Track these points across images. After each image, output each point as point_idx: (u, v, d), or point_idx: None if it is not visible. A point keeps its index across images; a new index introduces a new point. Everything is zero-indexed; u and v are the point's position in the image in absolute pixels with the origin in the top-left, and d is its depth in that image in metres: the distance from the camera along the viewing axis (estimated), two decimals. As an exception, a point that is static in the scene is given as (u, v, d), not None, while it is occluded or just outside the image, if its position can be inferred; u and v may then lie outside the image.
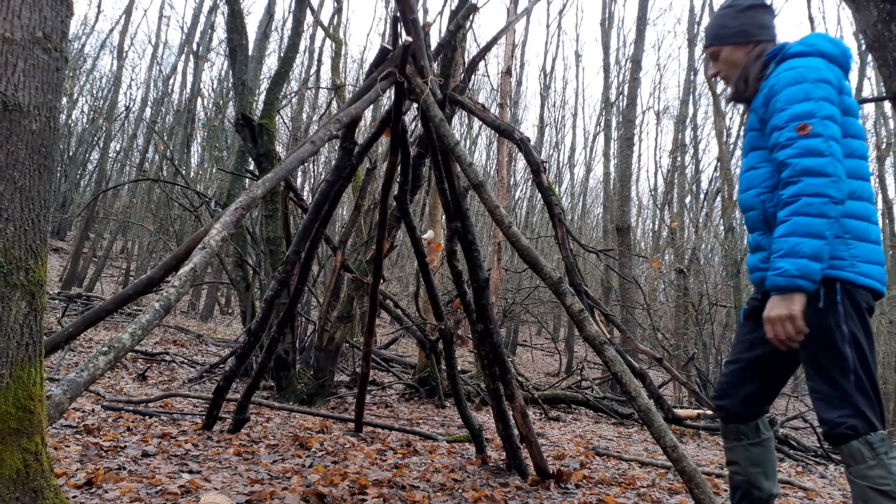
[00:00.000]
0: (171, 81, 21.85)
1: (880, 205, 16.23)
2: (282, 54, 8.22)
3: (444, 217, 4.34)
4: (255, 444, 3.73)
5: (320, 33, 16.62)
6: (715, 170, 16.98)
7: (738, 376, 2.06)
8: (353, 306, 6.11)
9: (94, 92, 24.82)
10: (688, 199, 17.47)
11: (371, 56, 19.05)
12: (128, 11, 20.67)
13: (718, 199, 15.98)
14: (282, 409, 5.18)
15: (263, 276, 6.90)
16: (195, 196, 9.75)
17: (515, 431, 3.48)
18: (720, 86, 17.62)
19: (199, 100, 20.29)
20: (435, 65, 3.51)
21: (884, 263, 1.87)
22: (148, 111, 21.96)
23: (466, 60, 4.90)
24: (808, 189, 1.73)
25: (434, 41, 3.56)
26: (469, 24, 5.49)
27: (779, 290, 1.77)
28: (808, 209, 1.73)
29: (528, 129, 28.75)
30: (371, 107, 3.45)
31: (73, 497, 2.32)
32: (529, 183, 20.81)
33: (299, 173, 16.82)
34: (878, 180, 15.64)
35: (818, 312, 1.78)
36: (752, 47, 2.01)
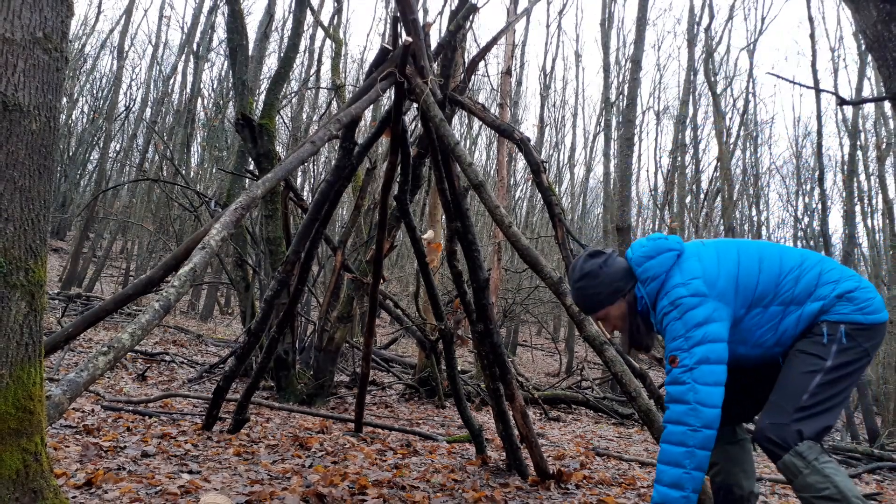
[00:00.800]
0: (171, 81, 21.84)
1: (880, 204, 16.21)
2: (282, 54, 8.23)
3: (444, 217, 4.34)
4: (255, 444, 3.73)
5: (320, 33, 16.62)
6: (715, 170, 16.98)
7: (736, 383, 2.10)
8: (353, 306, 6.11)
9: (94, 92, 24.83)
10: (688, 199, 17.47)
11: (371, 56, 19.05)
12: (128, 11, 20.65)
13: (718, 199, 16.00)
14: (281, 409, 5.18)
15: (263, 276, 6.90)
16: (195, 196, 9.75)
17: (515, 432, 3.48)
18: (720, 86, 17.64)
19: (199, 100, 20.30)
20: (435, 65, 3.51)
21: (874, 290, 1.99)
22: (148, 111, 21.93)
23: (466, 61, 4.89)
24: (671, 416, 1.89)
25: (434, 41, 3.56)
26: (469, 24, 5.49)
27: None
28: (670, 437, 1.88)
29: (528, 129, 28.75)
30: (371, 107, 3.45)
31: (73, 497, 2.32)
32: (529, 183, 20.80)
33: (299, 173, 16.82)
34: (878, 180, 15.62)
35: (817, 345, 1.91)
36: (627, 295, 2.12)
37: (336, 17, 13.18)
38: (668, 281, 2.00)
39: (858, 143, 15.52)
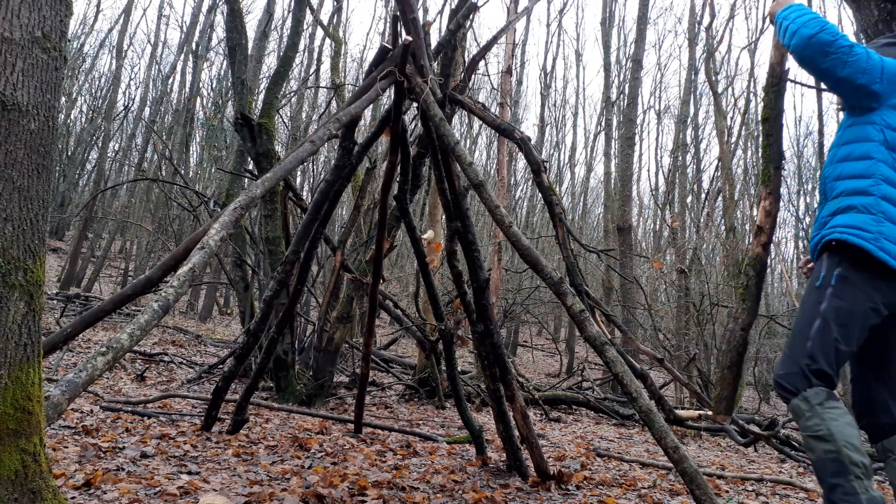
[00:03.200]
0: (171, 81, 21.81)
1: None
2: (281, 53, 8.22)
3: (444, 217, 4.33)
4: (254, 445, 3.72)
5: (320, 32, 16.61)
6: (716, 169, 16.98)
7: (862, 384, 2.06)
8: (353, 306, 6.10)
9: (93, 91, 24.78)
10: (689, 199, 17.47)
11: (371, 55, 19.03)
12: (127, 11, 20.63)
13: (720, 198, 15.98)
14: (281, 409, 5.17)
15: (262, 276, 6.89)
16: (194, 196, 9.74)
17: (516, 432, 3.47)
18: (721, 86, 17.61)
19: (199, 99, 20.27)
20: (435, 64, 3.50)
21: None
22: (147, 111, 21.92)
23: (466, 60, 4.89)
24: (820, 30, 1.99)
25: (434, 40, 3.55)
26: (469, 23, 5.48)
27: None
28: (811, 23, 2.00)
29: (529, 128, 28.73)
30: (371, 106, 3.44)
31: (72, 498, 2.31)
32: (530, 182, 20.78)
33: (298, 173, 16.81)
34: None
35: (823, 278, 1.95)
36: None
37: (336, 15, 13.16)
38: None
39: (858, 142, 15.44)
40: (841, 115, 2.13)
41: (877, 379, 2.00)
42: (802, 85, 3.39)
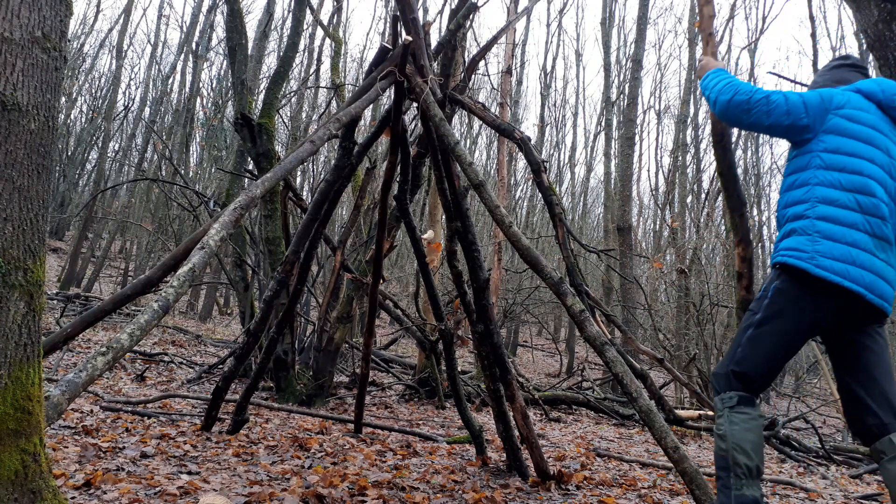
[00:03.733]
0: (171, 81, 21.81)
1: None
2: (281, 53, 8.21)
3: (444, 217, 4.34)
4: (254, 445, 3.72)
5: (320, 32, 16.60)
6: (716, 169, 16.94)
7: (846, 390, 2.12)
8: (353, 306, 6.10)
9: (93, 91, 24.79)
10: (689, 199, 17.46)
11: (371, 55, 19.03)
12: (127, 10, 20.62)
13: (720, 198, 15.98)
14: (281, 409, 5.17)
15: (262, 276, 6.89)
16: (194, 196, 9.74)
17: (516, 432, 3.47)
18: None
19: (199, 99, 20.26)
20: (435, 64, 3.50)
21: (855, 261, 2.01)
22: (147, 111, 21.94)
23: (466, 60, 4.89)
24: (736, 95, 2.23)
25: (434, 40, 3.56)
26: (469, 23, 5.48)
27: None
28: (725, 90, 2.26)
29: (529, 128, 28.71)
30: (371, 106, 3.44)
31: (72, 498, 2.31)
32: (530, 182, 20.78)
33: (298, 173, 16.81)
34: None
35: (763, 291, 2.16)
36: None
37: (336, 15, 13.16)
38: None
39: (858, 142, 15.41)
40: None
41: (856, 383, 2.09)
42: (803, 85, 3.38)
